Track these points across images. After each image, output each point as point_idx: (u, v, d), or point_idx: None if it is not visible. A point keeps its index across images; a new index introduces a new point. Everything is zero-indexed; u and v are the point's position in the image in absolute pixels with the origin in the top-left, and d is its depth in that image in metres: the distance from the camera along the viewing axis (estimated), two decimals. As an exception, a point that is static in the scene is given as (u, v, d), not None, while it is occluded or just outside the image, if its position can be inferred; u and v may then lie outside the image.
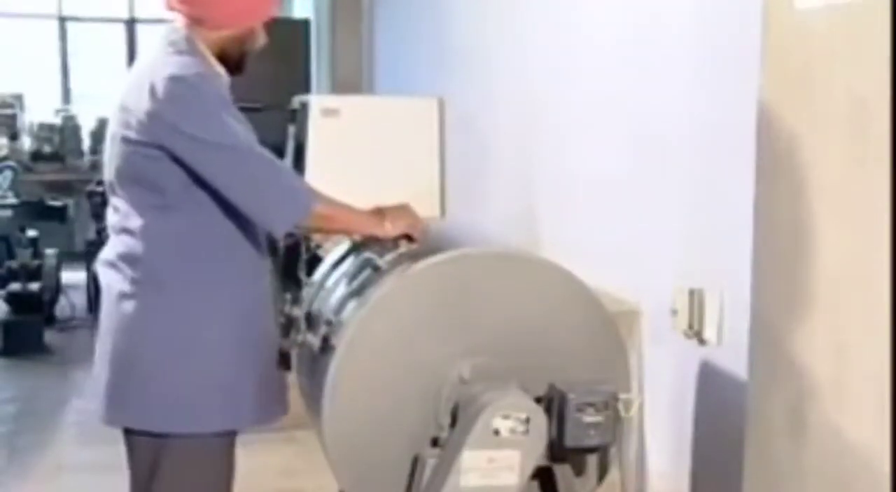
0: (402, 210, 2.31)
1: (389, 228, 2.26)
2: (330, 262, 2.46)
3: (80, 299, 6.81)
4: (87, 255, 7.23)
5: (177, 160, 2.14)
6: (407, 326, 2.10)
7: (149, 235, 2.21)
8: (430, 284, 2.13)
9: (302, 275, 2.45)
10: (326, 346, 2.15)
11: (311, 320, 2.27)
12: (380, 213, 2.29)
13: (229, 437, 2.30)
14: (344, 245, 2.45)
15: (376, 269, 2.20)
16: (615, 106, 3.25)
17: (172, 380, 2.21)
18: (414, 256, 2.19)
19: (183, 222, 2.20)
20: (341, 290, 2.28)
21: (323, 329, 2.17)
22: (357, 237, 2.38)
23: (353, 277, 2.27)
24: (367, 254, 2.27)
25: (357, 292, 2.20)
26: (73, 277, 7.05)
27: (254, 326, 2.30)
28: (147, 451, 2.27)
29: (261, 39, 2.30)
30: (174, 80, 2.11)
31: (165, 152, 2.13)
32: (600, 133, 3.37)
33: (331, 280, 2.38)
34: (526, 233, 3.91)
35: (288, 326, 2.34)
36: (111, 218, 2.29)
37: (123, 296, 2.24)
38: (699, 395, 2.76)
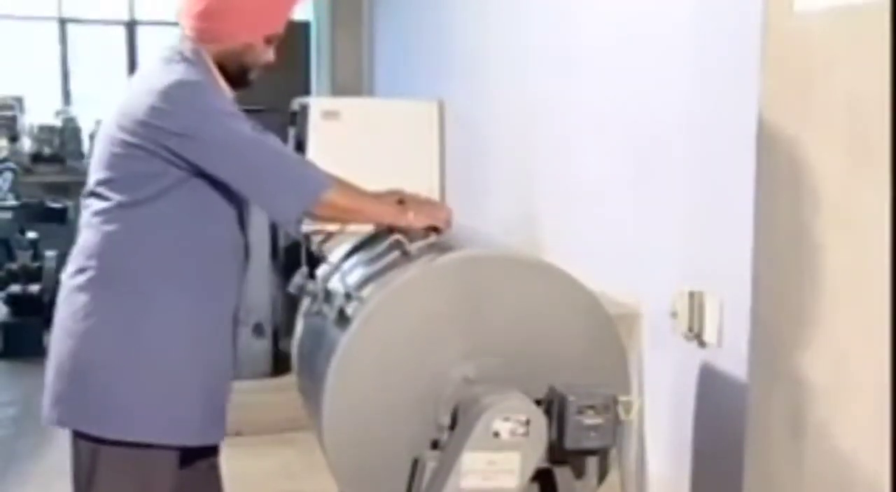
0: (426, 201, 2.32)
1: (412, 219, 2.23)
2: (350, 245, 2.43)
3: (79, 301, 6.80)
4: (87, 257, 7.23)
5: (167, 162, 2.13)
6: (419, 317, 2.10)
7: (109, 230, 2.19)
8: (452, 279, 2.13)
9: (303, 276, 2.43)
10: (342, 318, 2.12)
11: (328, 294, 2.25)
12: (401, 202, 2.27)
13: (170, 451, 2.23)
14: (367, 230, 2.43)
15: (405, 253, 2.18)
16: (615, 109, 3.25)
17: (111, 381, 2.17)
18: (443, 249, 2.19)
19: (148, 224, 2.18)
20: (364, 269, 2.26)
21: (340, 301, 2.14)
22: (380, 227, 2.35)
23: (378, 257, 2.24)
24: (397, 236, 2.21)
25: (381, 273, 2.18)
26: (73, 279, 7.04)
27: (208, 342, 2.25)
28: (85, 455, 2.23)
29: (263, 55, 2.30)
30: (177, 85, 2.13)
31: (156, 155, 2.13)
32: (600, 136, 3.37)
33: (352, 261, 2.35)
34: (526, 235, 3.91)
35: (298, 298, 2.34)
36: (82, 218, 2.27)
37: (75, 288, 2.22)
38: (699, 397, 2.76)
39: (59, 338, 2.23)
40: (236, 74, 2.29)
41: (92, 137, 8.96)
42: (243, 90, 2.34)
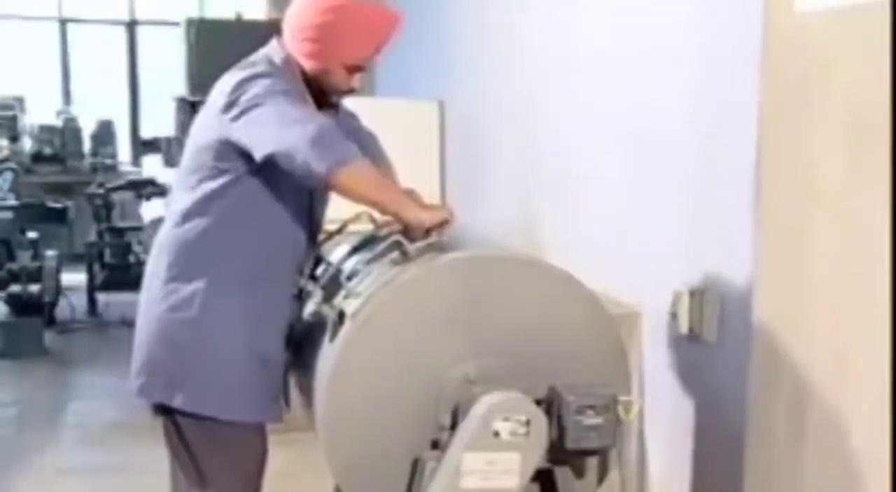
0: (432, 204, 2.37)
1: (424, 218, 2.21)
2: (349, 246, 2.45)
3: (80, 301, 6.81)
4: (88, 257, 7.24)
5: (237, 154, 2.24)
6: (419, 318, 2.10)
7: (177, 221, 2.34)
8: (452, 279, 2.13)
9: (303, 277, 2.44)
10: (341, 318, 2.13)
11: (328, 294, 2.27)
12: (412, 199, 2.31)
13: (252, 427, 2.38)
14: (363, 232, 2.46)
15: (404, 253, 2.19)
16: (616, 109, 3.25)
17: (176, 360, 2.33)
18: (442, 249, 2.20)
19: (213, 217, 2.31)
20: (363, 269, 2.27)
21: (340, 302, 2.16)
22: (382, 220, 2.39)
23: (378, 258, 2.26)
24: (396, 237, 2.22)
25: (380, 273, 2.19)
26: (73, 279, 7.05)
27: (260, 330, 2.35)
28: (170, 428, 2.40)
29: (343, 83, 2.36)
30: (246, 79, 2.25)
31: (224, 147, 2.26)
32: (601, 136, 3.37)
33: (352, 261, 2.37)
34: (526, 235, 3.91)
35: (298, 297, 2.40)
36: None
37: (150, 274, 2.41)
38: (699, 397, 2.76)
39: (140, 317, 2.41)
40: (318, 94, 2.37)
41: (93, 137, 8.99)
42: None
